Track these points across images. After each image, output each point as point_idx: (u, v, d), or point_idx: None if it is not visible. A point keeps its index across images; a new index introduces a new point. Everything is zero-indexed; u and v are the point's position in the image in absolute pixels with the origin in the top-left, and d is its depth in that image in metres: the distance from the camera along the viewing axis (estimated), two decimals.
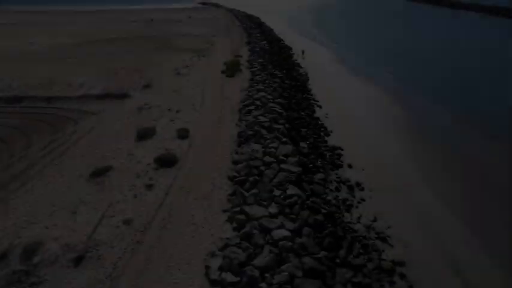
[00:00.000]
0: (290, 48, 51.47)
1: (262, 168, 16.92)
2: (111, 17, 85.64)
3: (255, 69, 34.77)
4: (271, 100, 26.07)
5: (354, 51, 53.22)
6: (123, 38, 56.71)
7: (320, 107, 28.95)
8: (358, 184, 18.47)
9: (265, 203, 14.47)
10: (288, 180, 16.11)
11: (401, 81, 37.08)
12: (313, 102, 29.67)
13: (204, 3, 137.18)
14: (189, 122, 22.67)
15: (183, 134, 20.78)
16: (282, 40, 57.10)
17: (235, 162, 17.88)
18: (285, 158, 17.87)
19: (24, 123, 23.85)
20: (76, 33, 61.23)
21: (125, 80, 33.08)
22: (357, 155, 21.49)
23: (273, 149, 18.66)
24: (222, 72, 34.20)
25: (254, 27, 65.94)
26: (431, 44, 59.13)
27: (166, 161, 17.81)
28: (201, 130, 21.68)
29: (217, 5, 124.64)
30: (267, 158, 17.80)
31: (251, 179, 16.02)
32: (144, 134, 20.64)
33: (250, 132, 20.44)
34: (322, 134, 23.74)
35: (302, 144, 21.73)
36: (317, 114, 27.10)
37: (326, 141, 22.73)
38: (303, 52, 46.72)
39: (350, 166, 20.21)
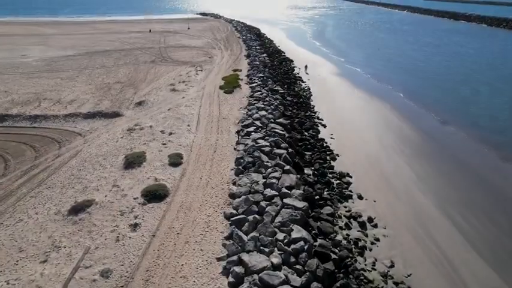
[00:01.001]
0: (291, 61, 50.02)
1: (263, 204, 14.94)
2: (110, 28, 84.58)
3: (255, 84, 33.06)
4: (272, 120, 24.25)
5: (355, 62, 51.76)
6: (120, 50, 55.30)
7: (324, 126, 27.11)
8: (370, 219, 16.48)
9: (266, 250, 12.45)
10: (292, 219, 14.12)
11: (410, 96, 35.33)
12: (317, 121, 27.85)
13: (203, 14, 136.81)
14: (182, 146, 20.77)
15: (175, 160, 18.85)
16: (283, 52, 55.74)
17: (232, 196, 15.92)
18: (288, 191, 15.92)
19: (4, 145, 21.93)
20: (72, 45, 59.84)
21: (117, 96, 31.35)
22: (367, 183, 19.55)
23: (275, 180, 16.72)
24: (220, 88, 32.46)
25: (254, 39, 64.67)
26: (437, 54, 57.77)
27: (155, 194, 15.84)
28: (195, 156, 19.76)
29: (216, 16, 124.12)
30: (269, 191, 15.85)
31: (250, 218, 14.04)
32: (133, 161, 18.71)
33: (250, 159, 18.53)
34: (328, 158, 21.81)
35: (307, 170, 19.87)
36: (322, 135, 25.24)
37: (333, 167, 20.78)
38: (306, 67, 44.99)
39: (360, 197, 18.24)
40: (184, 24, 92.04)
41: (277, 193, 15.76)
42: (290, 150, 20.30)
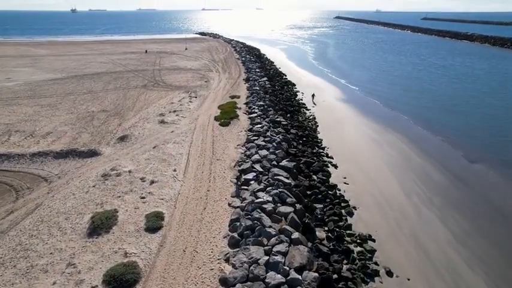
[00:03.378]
0: (293, 85, 46.81)
1: None
2: (104, 49, 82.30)
3: (255, 115, 29.51)
4: (275, 162, 20.48)
5: (361, 86, 48.59)
6: (112, 72, 52.34)
7: (335, 166, 23.31)
8: None
9: None
10: None
11: (426, 126, 31.70)
12: (327, 159, 24.08)
13: (202, 34, 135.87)
14: (165, 201, 16.86)
15: (153, 223, 14.92)
16: (284, 75, 52.71)
17: (224, 283, 11.91)
18: (299, 276, 11.92)
19: None
20: (62, 67, 56.95)
21: (99, 129, 27.75)
22: (394, 250, 15.56)
23: (280, 256, 12.75)
24: (216, 119, 28.88)
25: (253, 60, 61.91)
26: (445, 75, 54.73)
27: (121, 281, 11.83)
28: (180, 215, 15.83)
29: (215, 36, 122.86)
30: (273, 277, 11.86)
31: None
32: (100, 225, 14.78)
33: (248, 222, 14.62)
34: (343, 212, 17.89)
35: (319, 233, 15.94)
36: (333, 179, 21.36)
37: (350, 226, 16.79)
38: (313, 96, 40.88)
39: (389, 273, 14.18)
40: (182, 44, 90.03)
41: (283, 279, 11.77)
42: (298, 206, 16.39)
